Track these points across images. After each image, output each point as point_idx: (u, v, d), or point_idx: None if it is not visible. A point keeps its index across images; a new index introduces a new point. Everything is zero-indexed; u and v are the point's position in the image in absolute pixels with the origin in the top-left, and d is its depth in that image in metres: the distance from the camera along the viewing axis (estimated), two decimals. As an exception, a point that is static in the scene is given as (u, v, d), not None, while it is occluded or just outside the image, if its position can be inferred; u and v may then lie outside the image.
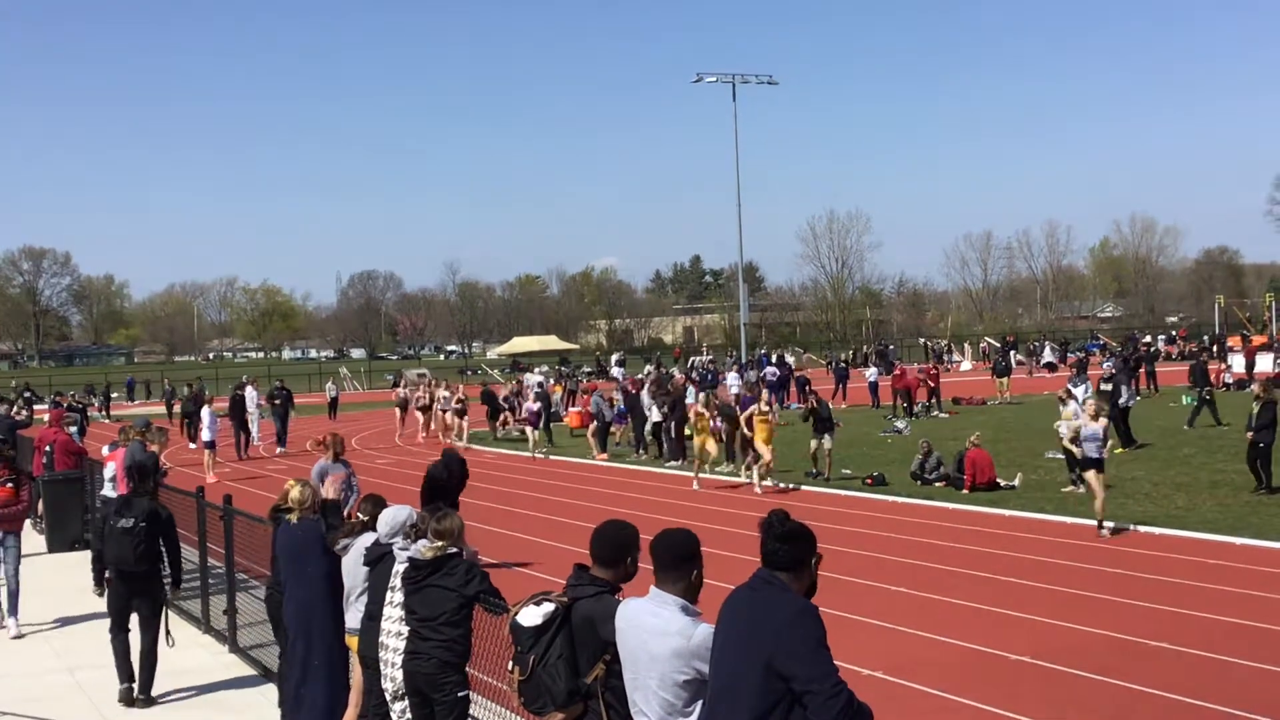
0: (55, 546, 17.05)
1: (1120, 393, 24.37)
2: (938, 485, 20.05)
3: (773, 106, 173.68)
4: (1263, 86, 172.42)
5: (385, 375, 72.21)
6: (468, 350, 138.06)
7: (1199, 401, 28.07)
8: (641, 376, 41.29)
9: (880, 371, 41.62)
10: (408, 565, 6.32)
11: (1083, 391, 22.05)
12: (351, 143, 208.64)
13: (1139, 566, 13.27)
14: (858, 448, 26.19)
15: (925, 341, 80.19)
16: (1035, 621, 11.09)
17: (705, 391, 25.88)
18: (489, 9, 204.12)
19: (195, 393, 35.98)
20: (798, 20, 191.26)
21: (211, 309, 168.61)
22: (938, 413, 34.60)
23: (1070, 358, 51.95)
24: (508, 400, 36.40)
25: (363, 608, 7.04)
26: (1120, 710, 8.63)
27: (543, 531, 17.44)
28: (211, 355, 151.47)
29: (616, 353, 79.32)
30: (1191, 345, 64.14)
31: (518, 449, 30.57)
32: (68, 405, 39.86)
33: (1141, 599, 11.75)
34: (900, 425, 30.65)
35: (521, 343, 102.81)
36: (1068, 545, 14.66)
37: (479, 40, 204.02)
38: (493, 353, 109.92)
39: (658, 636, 4.44)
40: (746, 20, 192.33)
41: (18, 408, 42.17)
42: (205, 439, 26.63)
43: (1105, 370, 27.59)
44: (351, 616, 7.35)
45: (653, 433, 27.34)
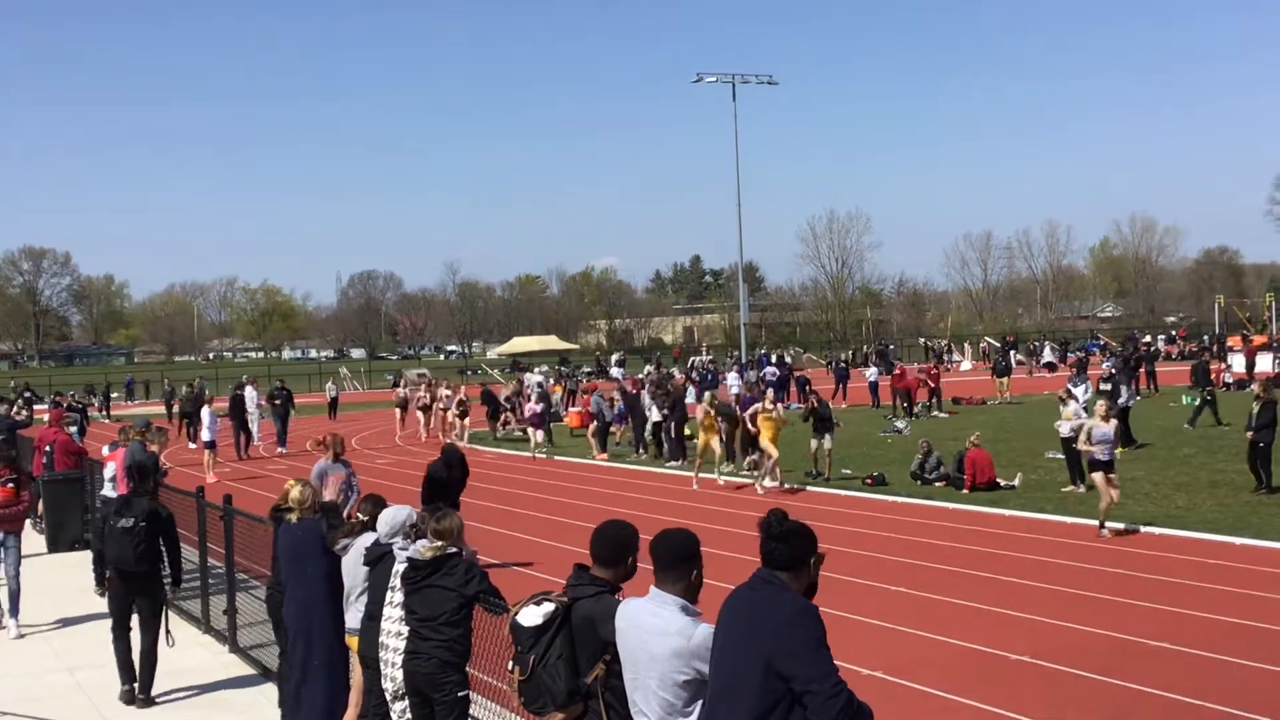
0: (55, 546, 17.05)
1: (1120, 393, 24.38)
2: (938, 485, 20.05)
3: (773, 106, 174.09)
4: (1263, 86, 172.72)
5: (385, 375, 72.23)
6: (468, 350, 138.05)
7: (1201, 401, 28.10)
8: (641, 376, 41.34)
9: (880, 371, 41.61)
10: (407, 565, 6.32)
11: (1083, 391, 22.07)
12: (351, 143, 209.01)
13: (1139, 566, 13.27)
14: (858, 448, 26.18)
15: (925, 341, 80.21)
16: (1035, 621, 11.09)
17: (709, 392, 25.89)
18: (489, 9, 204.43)
19: (195, 393, 35.99)
20: (798, 20, 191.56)
21: (211, 309, 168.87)
22: (938, 413, 34.59)
23: (1070, 358, 52.01)
24: (510, 401, 36.38)
25: (363, 608, 7.04)
26: (1120, 710, 8.63)
27: (543, 531, 17.44)
28: (211, 355, 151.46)
29: (616, 353, 79.30)
30: (1191, 345, 64.15)
31: (518, 449, 30.56)
32: (68, 405, 39.86)
33: (1142, 599, 11.75)
34: (900, 425, 30.65)
35: (521, 343, 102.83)
36: (1068, 545, 14.66)
37: (479, 40, 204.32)
38: (493, 353, 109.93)
39: (658, 636, 4.44)
40: (746, 20, 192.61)
41: (18, 408, 42.17)
42: (205, 439, 26.64)
43: (1105, 370, 27.59)
44: (351, 616, 7.34)
45: (653, 433, 27.36)
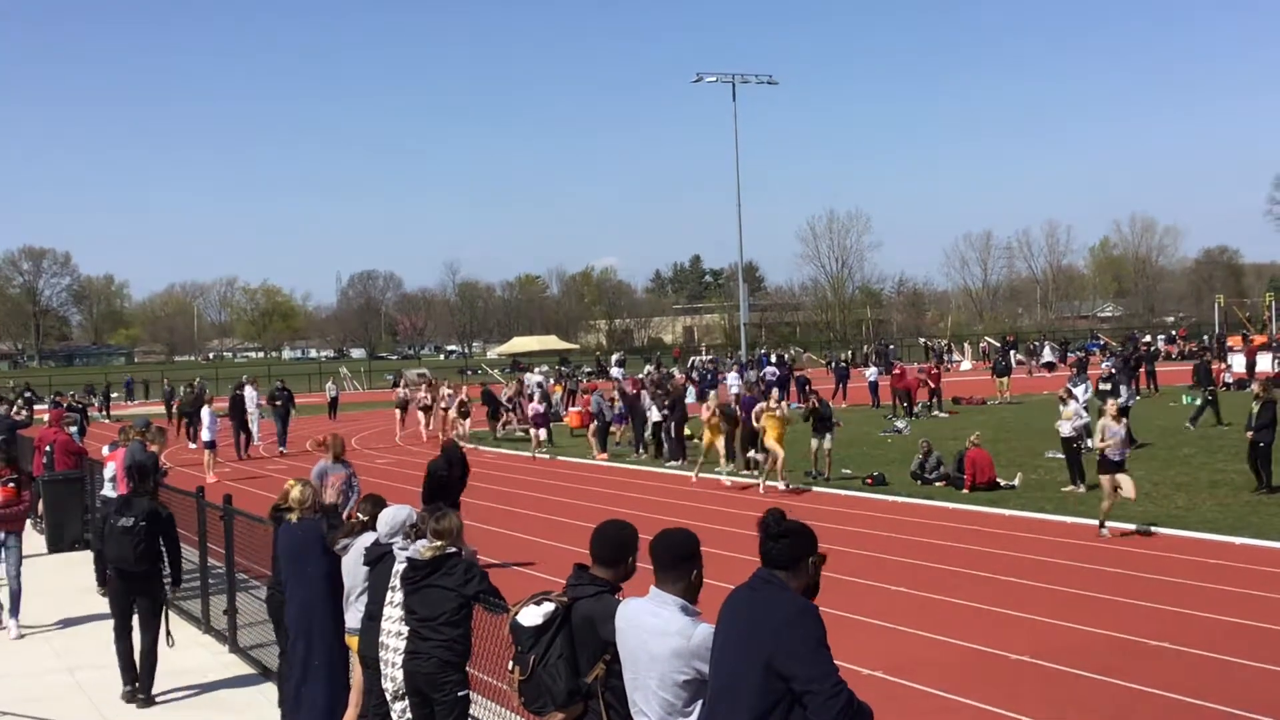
0: (55, 546, 17.04)
1: (1119, 392, 24.36)
2: (938, 485, 20.05)
3: (773, 106, 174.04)
4: (1263, 86, 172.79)
5: (385, 375, 72.25)
6: (468, 350, 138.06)
7: (1204, 401, 28.14)
8: (641, 376, 41.33)
9: (880, 371, 41.61)
10: (406, 565, 6.32)
11: (1083, 391, 22.06)
12: (351, 143, 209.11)
13: (1139, 566, 13.27)
14: (858, 448, 26.18)
15: (925, 341, 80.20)
16: (1035, 621, 11.09)
17: (713, 392, 25.87)
18: (489, 9, 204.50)
19: (196, 393, 36.00)
20: (798, 20, 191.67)
21: (211, 309, 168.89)
22: (938, 412, 34.58)
23: (1070, 357, 52.00)
24: (512, 401, 36.44)
25: (363, 608, 7.04)
26: (1121, 710, 8.62)
27: (543, 531, 17.44)
28: (211, 355, 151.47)
29: (616, 353, 79.27)
30: (1191, 345, 64.16)
31: (518, 449, 30.57)
32: (68, 405, 39.87)
33: (1142, 599, 11.75)
34: (900, 425, 30.66)
35: (521, 343, 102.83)
36: (1068, 545, 14.66)
37: (479, 40, 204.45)
38: (493, 353, 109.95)
39: (657, 636, 4.44)
40: (746, 20, 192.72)
41: (18, 408, 42.17)
42: (205, 439, 26.64)
43: (1104, 370, 27.58)
44: (351, 616, 7.34)
45: (653, 433, 27.36)
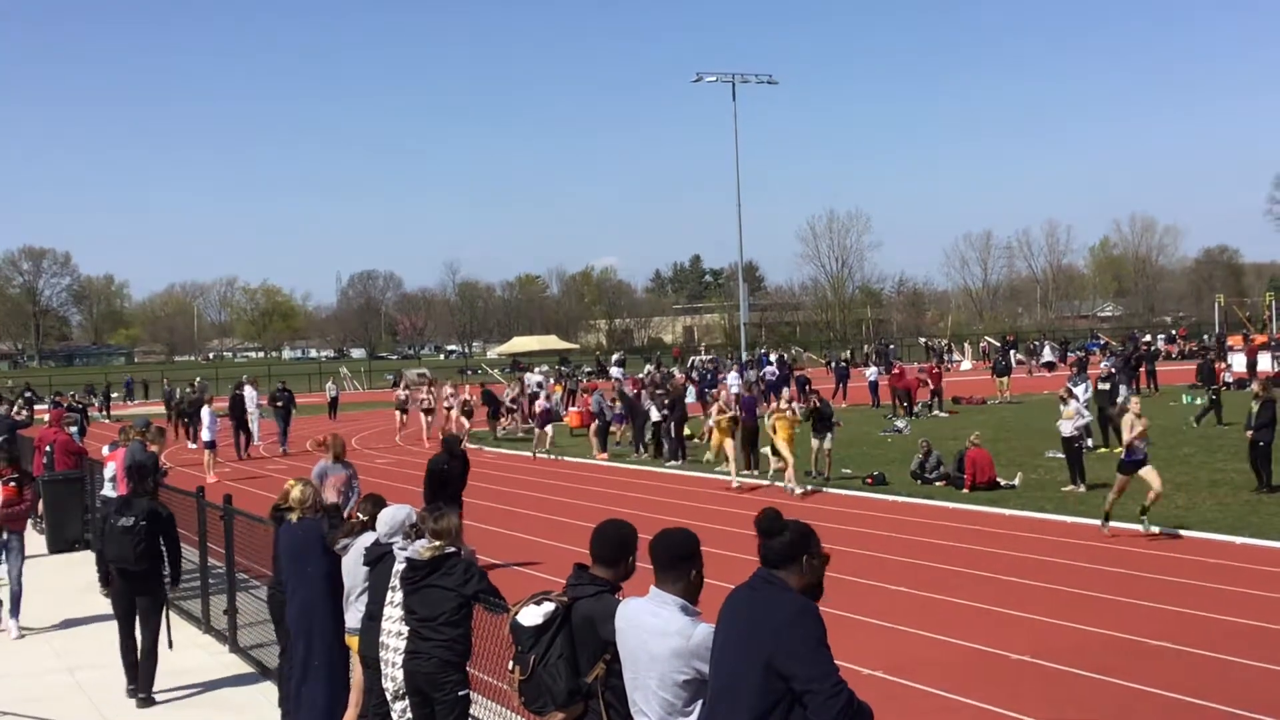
0: (55, 546, 17.05)
1: (1119, 392, 24.38)
2: (938, 485, 20.05)
3: (773, 106, 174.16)
4: (1263, 86, 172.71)
5: (385, 375, 72.28)
6: (468, 350, 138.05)
7: (1210, 401, 28.22)
8: (641, 376, 41.34)
9: (880, 371, 41.60)
10: (405, 566, 6.31)
11: (1083, 391, 22.05)
12: (351, 143, 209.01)
13: (1139, 566, 13.27)
14: (858, 447, 26.18)
15: (925, 341, 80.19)
16: (1036, 621, 11.08)
17: (723, 392, 25.76)
18: (489, 9, 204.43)
19: (197, 393, 36.00)
20: (798, 20, 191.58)
21: (211, 309, 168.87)
22: (938, 412, 34.58)
23: (1070, 357, 51.96)
24: (516, 402, 36.52)
25: (363, 607, 7.03)
26: (1121, 710, 8.62)
27: (543, 531, 17.44)
28: (211, 355, 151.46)
29: (616, 353, 79.24)
30: (1191, 345, 64.17)
31: (517, 449, 30.58)
32: (68, 405, 39.88)
33: (1142, 598, 11.74)
34: (900, 425, 30.66)
35: (521, 343, 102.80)
36: (1068, 545, 14.65)
37: (479, 40, 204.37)
38: (493, 353, 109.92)
39: (657, 636, 4.43)
40: (746, 20, 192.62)
41: (18, 408, 42.17)
42: (205, 439, 26.64)
43: (1103, 370, 27.59)
44: (352, 616, 7.34)
45: (653, 433, 27.37)
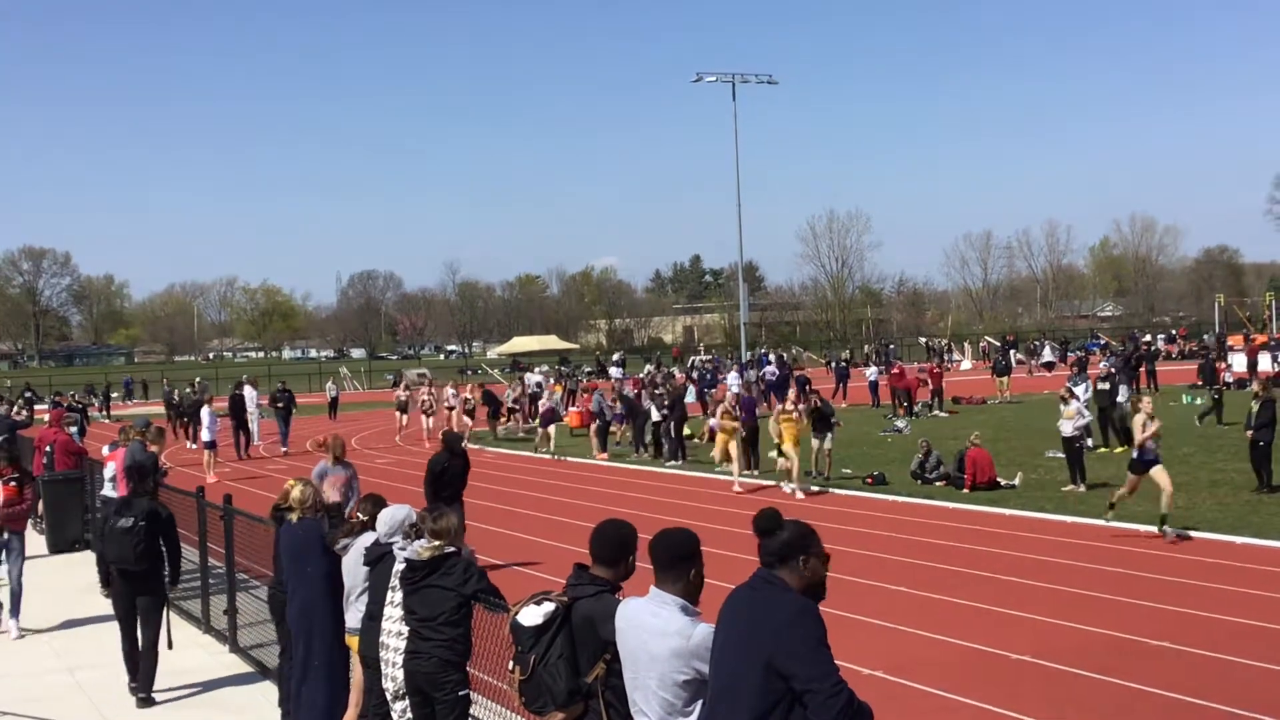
0: (55, 547, 17.05)
1: (1118, 391, 24.36)
2: (938, 484, 20.05)
3: (773, 106, 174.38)
4: (1263, 86, 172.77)
5: (385, 375, 72.33)
6: (468, 350, 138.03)
7: (1213, 401, 28.37)
8: (641, 376, 41.37)
9: (880, 371, 41.59)
10: (405, 566, 6.31)
11: (1083, 391, 22.03)
12: (351, 143, 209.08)
13: (1140, 566, 13.26)
14: (858, 447, 26.18)
15: (926, 341, 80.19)
16: (1036, 621, 11.08)
17: (729, 393, 25.71)
18: (489, 9, 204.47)
19: (198, 392, 36.00)
20: (798, 20, 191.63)
21: (211, 309, 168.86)
22: (938, 412, 34.57)
23: (1070, 357, 51.96)
24: (518, 402, 36.56)
25: (363, 607, 7.03)
26: (1121, 710, 8.62)
27: (543, 531, 17.44)
28: (211, 355, 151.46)
29: (616, 353, 79.23)
30: (1191, 344, 64.18)
31: (517, 449, 30.59)
32: (68, 405, 39.89)
33: (1142, 598, 11.74)
34: (900, 425, 30.65)
35: (521, 342, 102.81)
36: (1068, 544, 14.65)
37: (479, 40, 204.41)
38: (493, 352, 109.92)
39: (657, 636, 4.43)
40: (746, 20, 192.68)
41: (18, 408, 42.17)
42: (205, 439, 26.64)
43: (1102, 369, 27.58)
44: (352, 616, 7.34)
45: (652, 432, 27.37)
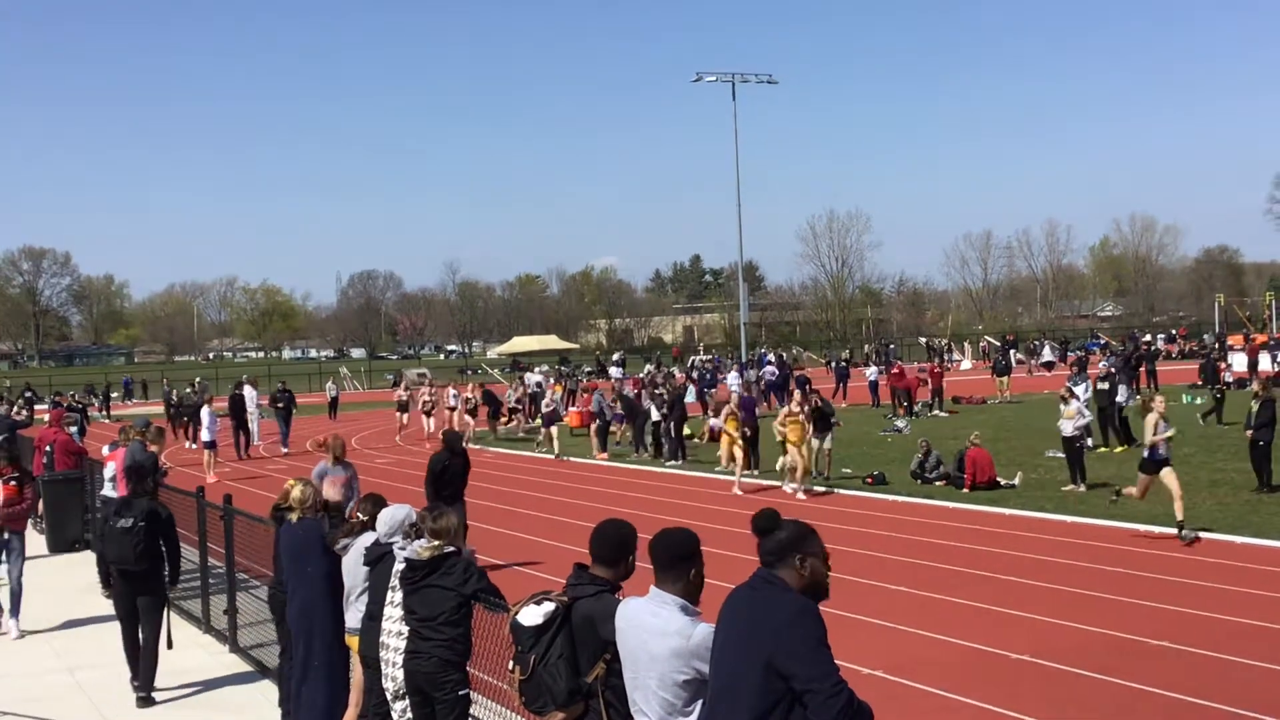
0: (55, 547, 17.04)
1: (1118, 391, 24.35)
2: (938, 484, 20.05)
3: (773, 106, 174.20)
4: (1263, 86, 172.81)
5: (385, 375, 72.34)
6: (468, 350, 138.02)
7: (1214, 399, 28.49)
8: (641, 376, 41.38)
9: (880, 371, 41.58)
10: (405, 566, 6.31)
11: (1083, 390, 22.01)
12: (351, 143, 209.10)
13: (1140, 565, 13.26)
14: (858, 447, 26.18)
15: (926, 340, 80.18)
16: (1036, 620, 11.08)
17: (734, 393, 25.68)
18: (489, 9, 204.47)
19: (198, 392, 36.01)
20: (798, 20, 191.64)
21: (211, 309, 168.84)
22: (938, 412, 34.57)
23: (1070, 357, 51.96)
24: (521, 403, 36.55)
25: (363, 607, 7.03)
26: (1121, 709, 8.62)
27: (543, 531, 17.44)
28: (211, 355, 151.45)
29: (616, 352, 79.21)
30: (1192, 344, 64.18)
31: (518, 449, 30.59)
32: (68, 405, 39.89)
33: (1142, 598, 11.74)
34: (900, 424, 30.65)
35: (521, 342, 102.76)
36: (1068, 544, 14.65)
37: (479, 40, 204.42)
38: (493, 352, 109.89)
39: (657, 636, 4.43)
40: (746, 20, 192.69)
41: (18, 408, 42.17)
42: (205, 439, 26.64)
43: (1101, 369, 27.58)
44: (352, 616, 7.33)
45: (652, 432, 27.37)
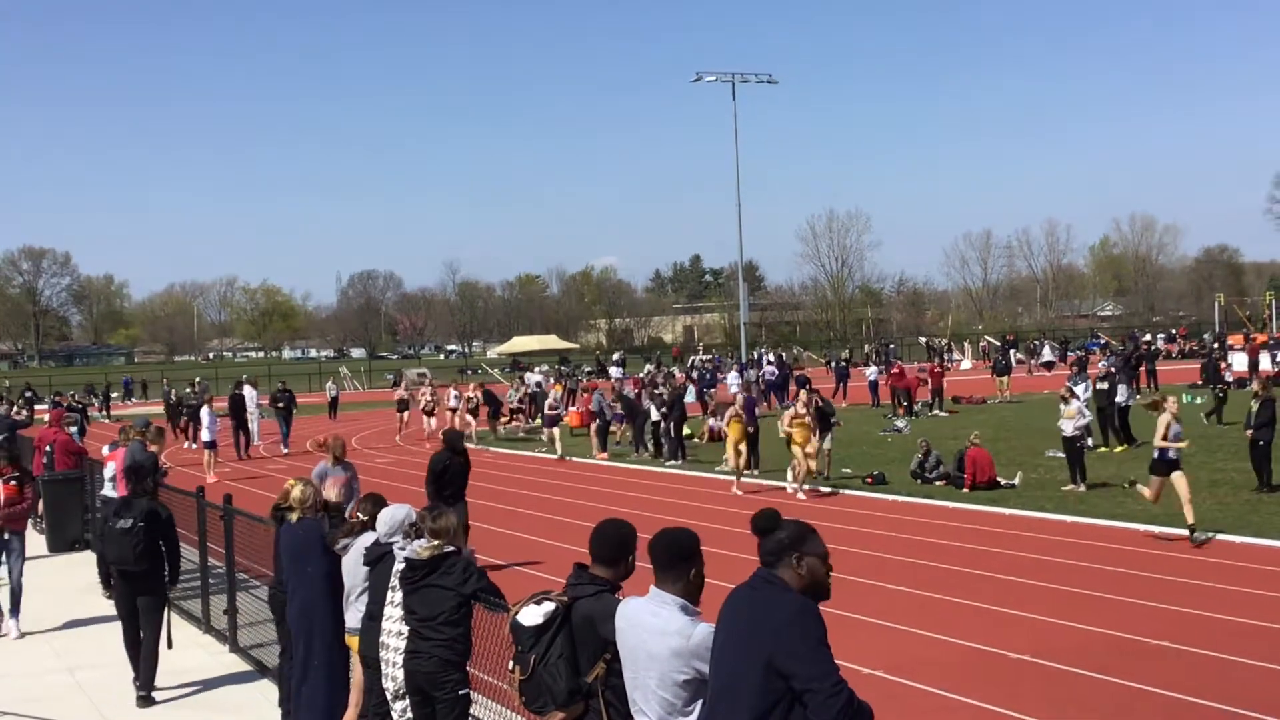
0: (55, 546, 17.05)
1: (1117, 391, 24.34)
2: (938, 484, 20.04)
3: (773, 106, 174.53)
4: (1263, 86, 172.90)
5: (385, 375, 72.33)
6: (468, 350, 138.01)
7: (1216, 398, 28.56)
8: (641, 376, 41.40)
9: (880, 371, 41.58)
10: (405, 566, 6.31)
11: (1083, 390, 22.01)
12: (351, 143, 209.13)
13: (1139, 565, 13.26)
14: (858, 447, 26.18)
15: (926, 340, 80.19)
16: (1036, 620, 11.08)
17: (741, 395, 25.60)
18: (489, 9, 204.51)
19: (199, 392, 36.00)
20: (798, 20, 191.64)
21: (211, 309, 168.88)
22: (938, 411, 34.56)
23: (1070, 356, 51.97)
24: (524, 402, 36.55)
25: (363, 607, 7.03)
26: (1121, 709, 8.62)
27: (544, 531, 17.44)
28: (211, 355, 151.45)
29: (616, 352, 79.19)
30: (1191, 344, 64.19)
31: (518, 449, 30.59)
32: (68, 405, 39.89)
33: (1142, 598, 11.74)
34: (900, 424, 30.64)
35: (521, 342, 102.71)
36: (1068, 544, 14.65)
37: (479, 40, 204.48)
38: (493, 352, 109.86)
39: (657, 636, 4.43)
40: (746, 20, 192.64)
41: (18, 408, 42.17)
42: (205, 439, 26.64)
43: (1101, 369, 27.57)
44: (351, 616, 7.34)
45: (652, 432, 27.38)
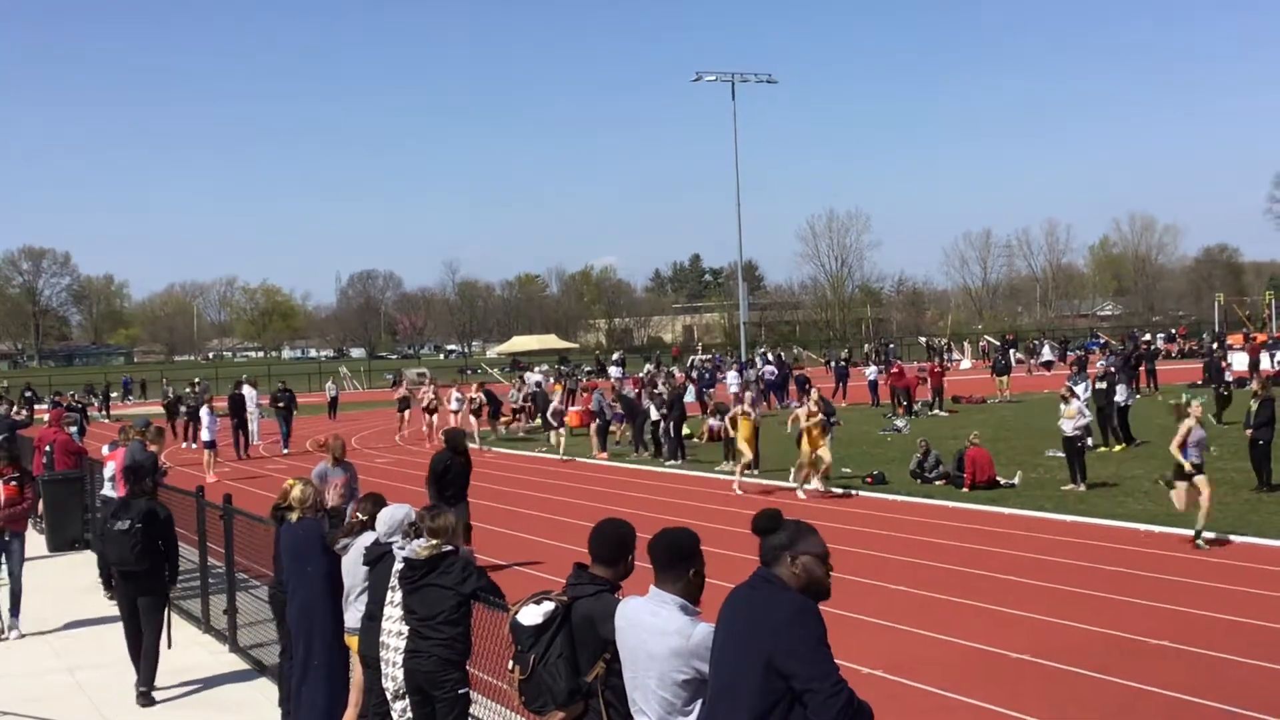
0: (55, 546, 17.05)
1: (1116, 391, 24.34)
2: (937, 484, 20.04)
3: (773, 106, 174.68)
4: (1263, 86, 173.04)
5: (385, 375, 72.31)
6: (467, 350, 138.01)
7: (1218, 397, 28.58)
8: (641, 375, 41.41)
9: (880, 370, 41.58)
10: (404, 565, 6.31)
11: (1083, 390, 22.02)
12: (351, 143, 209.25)
13: (1139, 564, 13.27)
14: (857, 446, 26.18)
15: (926, 340, 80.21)
16: (1035, 620, 11.08)
17: (749, 394, 25.49)
18: (489, 9, 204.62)
19: (199, 393, 36.00)
20: (798, 20, 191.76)
21: (211, 309, 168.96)
22: (938, 411, 34.56)
23: (1070, 356, 51.98)
24: (525, 402, 36.56)
25: (363, 607, 7.03)
26: (1121, 708, 8.62)
27: (544, 531, 17.44)
28: (211, 355, 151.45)
29: (616, 352, 79.19)
30: (1191, 344, 64.19)
31: (518, 449, 30.59)
32: (67, 405, 39.88)
33: (1142, 597, 11.74)
34: (900, 424, 30.64)
35: (521, 342, 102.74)
36: (1068, 544, 14.65)
37: (479, 40, 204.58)
38: (492, 352, 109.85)
39: (656, 636, 4.43)
40: (746, 20, 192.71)
41: (18, 407, 42.16)
42: (205, 439, 26.64)
43: (1100, 369, 27.57)
44: (351, 616, 7.34)
45: (651, 432, 27.37)
